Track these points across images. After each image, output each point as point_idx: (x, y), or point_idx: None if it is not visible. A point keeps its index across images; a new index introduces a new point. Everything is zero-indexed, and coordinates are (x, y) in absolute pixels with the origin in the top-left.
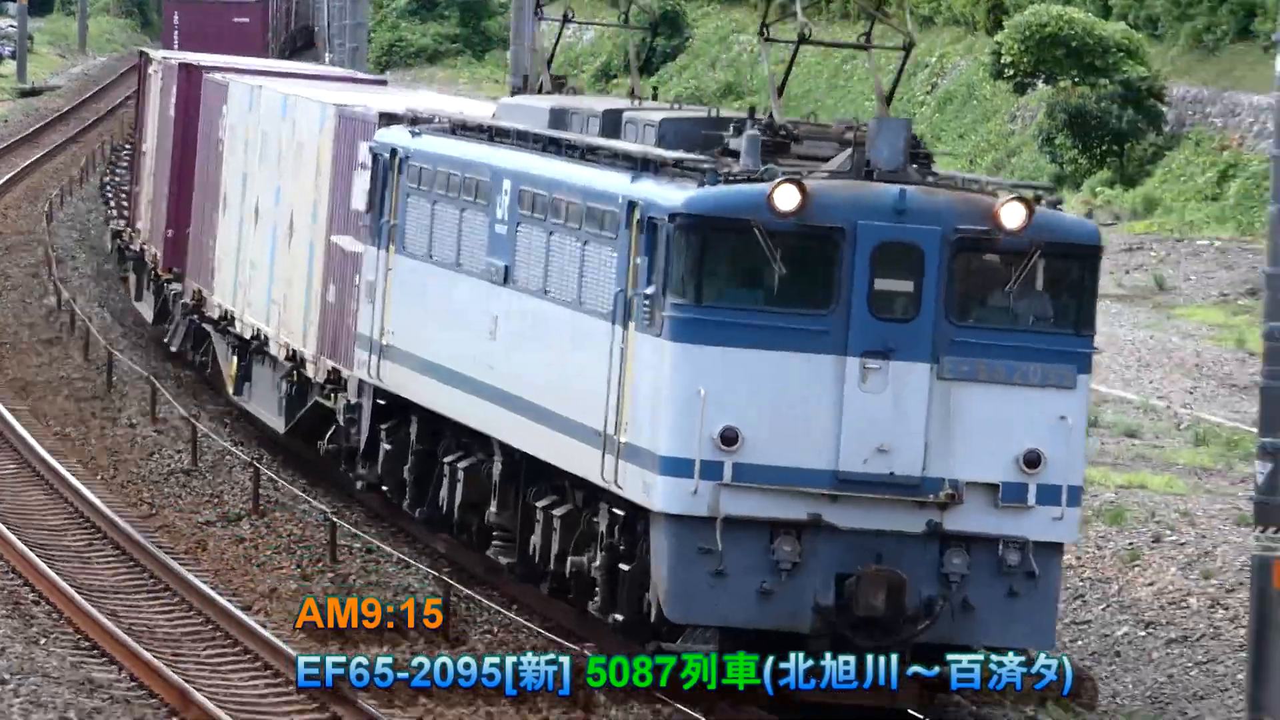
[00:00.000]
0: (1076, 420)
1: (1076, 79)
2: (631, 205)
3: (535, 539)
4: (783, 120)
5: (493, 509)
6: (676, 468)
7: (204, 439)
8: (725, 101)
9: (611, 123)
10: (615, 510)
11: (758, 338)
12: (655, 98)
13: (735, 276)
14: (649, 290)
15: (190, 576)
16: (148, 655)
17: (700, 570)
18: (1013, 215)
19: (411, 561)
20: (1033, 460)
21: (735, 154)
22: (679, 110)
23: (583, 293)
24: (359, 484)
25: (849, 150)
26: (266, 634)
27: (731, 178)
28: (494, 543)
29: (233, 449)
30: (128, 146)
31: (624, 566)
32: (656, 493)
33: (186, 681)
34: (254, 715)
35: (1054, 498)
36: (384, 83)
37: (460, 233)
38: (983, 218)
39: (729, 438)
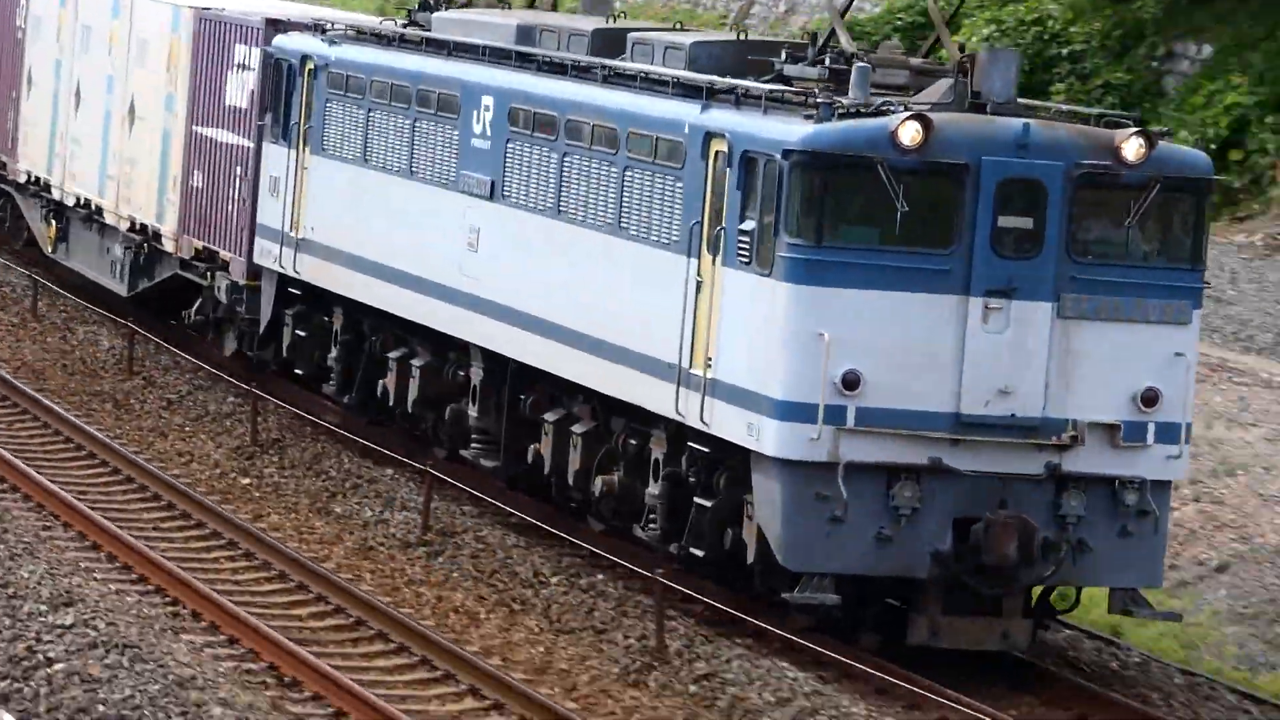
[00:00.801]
0: (1190, 357)
1: None
2: (709, 136)
3: (543, 451)
4: (851, 46)
5: (473, 413)
6: (794, 412)
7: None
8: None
9: (608, 43)
10: (692, 445)
11: (878, 278)
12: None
13: (856, 216)
14: (746, 226)
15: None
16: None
17: (817, 517)
18: (1134, 148)
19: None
20: (1150, 398)
21: (789, 80)
22: (702, 33)
23: (627, 219)
24: (253, 358)
25: (949, 81)
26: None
27: (846, 112)
28: (473, 445)
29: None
30: None
31: (702, 501)
32: (769, 437)
33: None
34: None
35: (1172, 436)
36: None
37: (415, 143)
38: (1104, 152)
39: (850, 381)
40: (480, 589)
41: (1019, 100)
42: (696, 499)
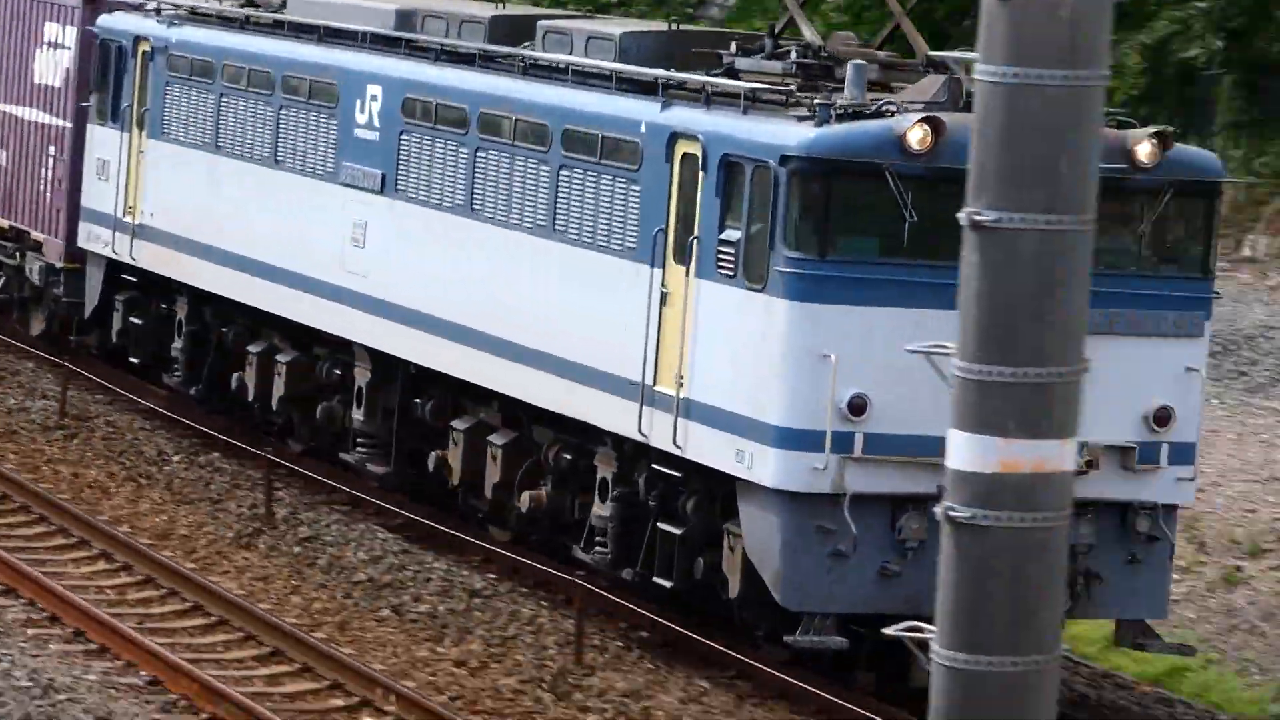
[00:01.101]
0: (1202, 372)
1: None
2: (674, 136)
3: (451, 461)
4: (816, 38)
5: (358, 415)
6: (796, 440)
7: None
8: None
9: (513, 31)
10: (657, 467)
11: (884, 294)
12: None
13: (860, 227)
14: (729, 236)
15: None
16: None
17: (819, 553)
18: (1147, 150)
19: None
20: (1163, 418)
21: (737, 75)
22: (628, 22)
23: (563, 221)
24: (73, 343)
25: (938, 78)
26: None
27: (844, 113)
28: (358, 450)
29: None
30: None
31: (668, 528)
32: (766, 467)
33: None
34: None
35: (1184, 457)
36: None
37: (281, 131)
38: (1116, 154)
39: (857, 406)
40: (111, 466)
41: None
42: (660, 525)
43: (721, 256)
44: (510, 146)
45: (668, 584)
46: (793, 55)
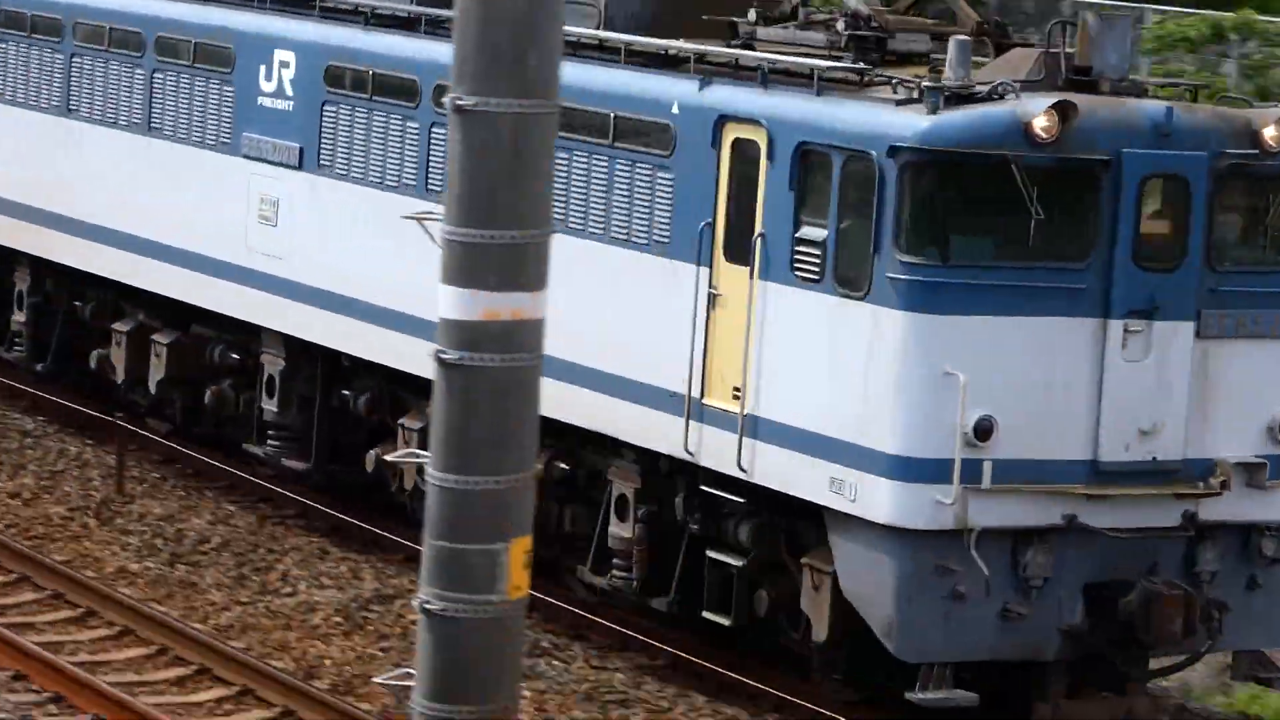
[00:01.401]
0: None
1: None
2: (723, 120)
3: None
4: (864, 6)
5: (269, 406)
6: (918, 471)
7: None
8: None
9: None
10: (710, 490)
11: (1010, 302)
12: None
13: (982, 226)
14: (810, 235)
15: None
16: None
17: (938, 596)
18: (1274, 132)
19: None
20: None
21: (752, 45)
22: None
23: (562, 210)
24: None
25: (1032, 51)
26: None
27: (956, 97)
28: (270, 443)
29: None
30: None
31: (725, 559)
32: (880, 501)
33: None
34: None
35: None
36: None
37: (155, 97)
38: (1245, 138)
39: (984, 430)
40: None
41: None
42: (713, 554)
43: (800, 258)
44: None
45: (725, 621)
46: (840, 25)
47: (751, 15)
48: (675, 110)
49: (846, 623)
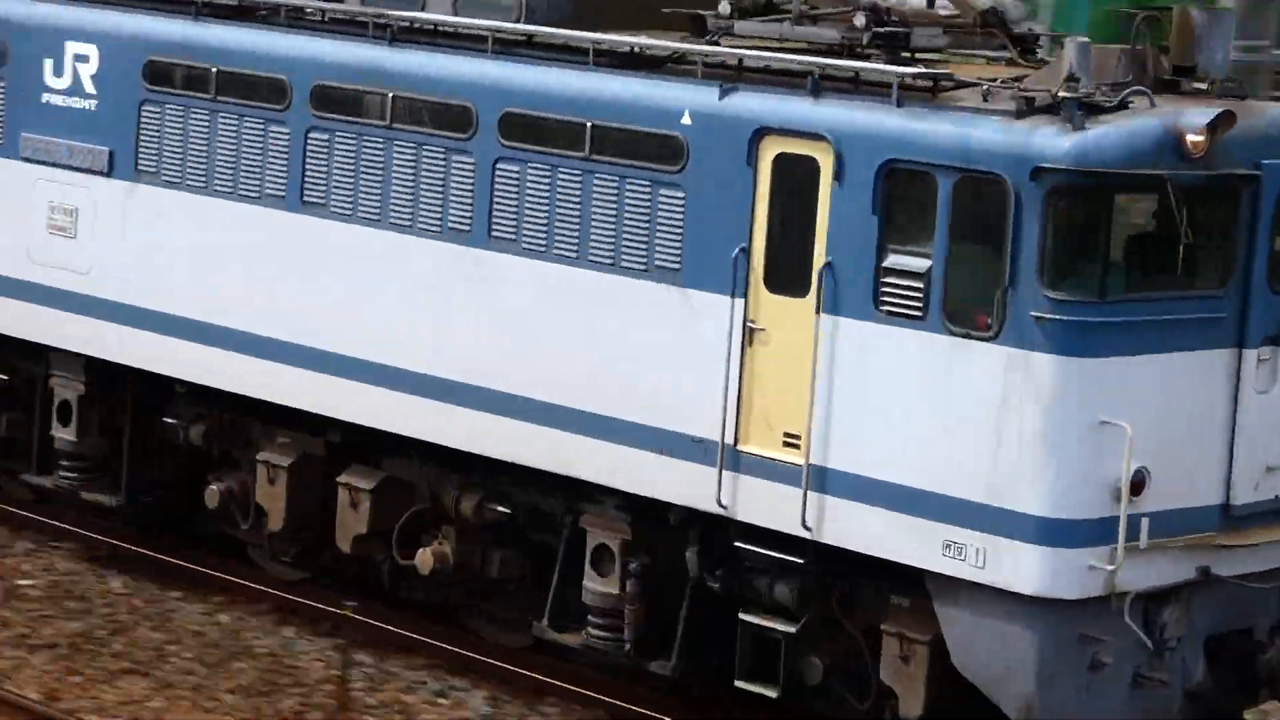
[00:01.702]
0: None
1: None
2: (760, 133)
3: (264, 501)
4: None
5: (66, 435)
6: (1067, 534)
7: None
8: None
9: None
10: (760, 550)
11: (1157, 338)
12: None
13: (1132, 256)
14: (901, 265)
15: None
16: None
17: (1078, 668)
18: None
19: None
20: None
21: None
22: None
23: (511, 229)
24: None
25: (1114, 48)
26: None
27: (1091, 108)
28: (63, 475)
29: None
30: None
31: (771, 624)
32: (1026, 569)
33: None
34: None
35: None
36: None
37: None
38: None
39: (1138, 484)
40: None
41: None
42: (748, 617)
43: (889, 291)
44: (386, 130)
45: (771, 693)
46: (859, 21)
47: (725, 8)
48: (686, 120)
49: (944, 696)
